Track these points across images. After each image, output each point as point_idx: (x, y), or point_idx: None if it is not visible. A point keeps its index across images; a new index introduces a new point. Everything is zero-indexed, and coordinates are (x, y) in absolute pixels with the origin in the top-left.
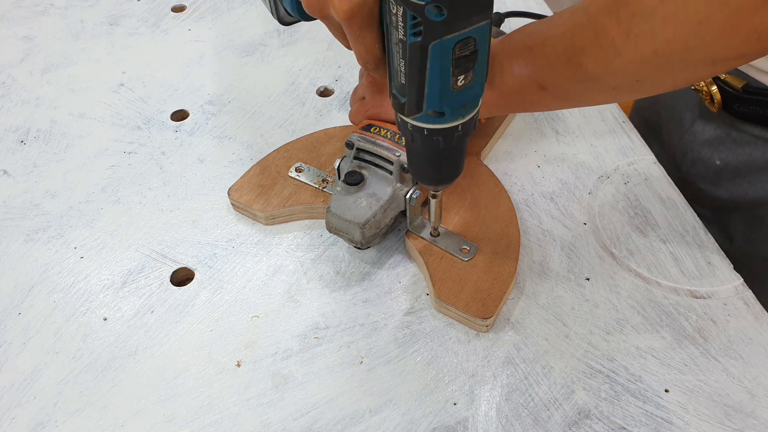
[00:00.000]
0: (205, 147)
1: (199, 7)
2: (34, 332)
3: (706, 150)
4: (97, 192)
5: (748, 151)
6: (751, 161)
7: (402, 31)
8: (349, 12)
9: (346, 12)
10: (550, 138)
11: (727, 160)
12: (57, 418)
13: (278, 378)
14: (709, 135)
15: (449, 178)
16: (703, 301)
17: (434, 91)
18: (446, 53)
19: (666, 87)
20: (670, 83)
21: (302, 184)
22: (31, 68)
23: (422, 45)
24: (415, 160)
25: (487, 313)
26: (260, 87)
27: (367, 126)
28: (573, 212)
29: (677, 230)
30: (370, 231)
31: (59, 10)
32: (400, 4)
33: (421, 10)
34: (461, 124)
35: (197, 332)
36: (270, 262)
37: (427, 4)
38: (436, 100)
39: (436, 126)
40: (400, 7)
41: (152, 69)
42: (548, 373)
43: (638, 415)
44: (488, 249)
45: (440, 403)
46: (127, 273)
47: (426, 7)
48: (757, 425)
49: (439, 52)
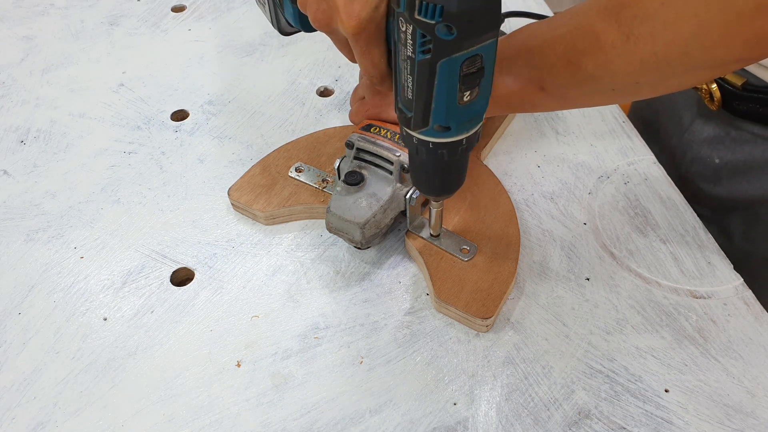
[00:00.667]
0: (205, 147)
1: (199, 7)
2: (34, 332)
3: (705, 149)
4: (97, 192)
5: (748, 150)
6: (751, 160)
7: (411, 49)
8: (357, 27)
9: (354, 27)
10: (550, 138)
11: (727, 158)
12: (57, 418)
13: (278, 378)
14: (708, 134)
15: (451, 190)
16: (703, 301)
17: (441, 106)
18: (454, 71)
19: (665, 89)
20: (669, 86)
21: (302, 184)
22: (31, 68)
23: (431, 62)
24: (418, 172)
25: (487, 313)
26: (260, 87)
27: (367, 126)
28: (573, 212)
29: (677, 230)
30: (370, 231)
31: (59, 10)
32: (410, 23)
33: (431, 29)
34: (466, 138)
35: (197, 332)
36: (270, 262)
37: (437, 23)
38: (443, 116)
39: (442, 140)
40: (410, 25)
41: (152, 69)
42: (548, 373)
43: (638, 415)
44: (488, 249)
45: (440, 403)
46: (127, 273)
47: (436, 27)
48: (757, 425)
49: (447, 70)
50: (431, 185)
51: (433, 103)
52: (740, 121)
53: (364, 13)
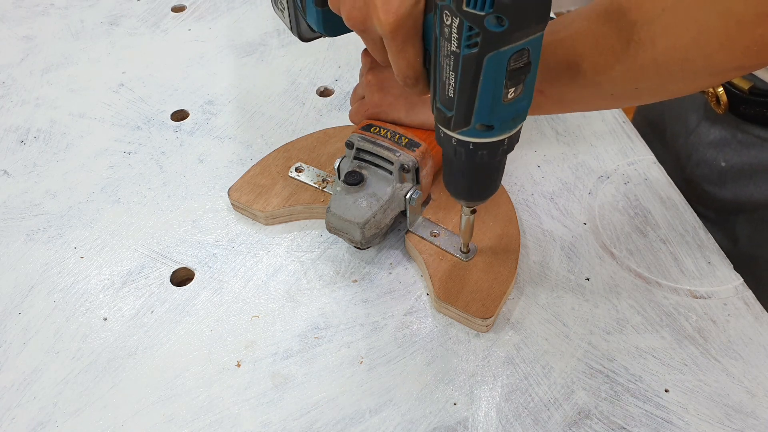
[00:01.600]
0: (205, 147)
1: (199, 7)
2: (34, 332)
3: (711, 151)
4: (97, 192)
5: (754, 153)
6: (757, 163)
7: (456, 43)
8: (394, 24)
9: (391, 24)
10: (550, 138)
11: (733, 161)
12: (57, 418)
13: (278, 378)
14: (714, 136)
15: (487, 195)
16: (703, 301)
17: (485, 104)
18: (501, 65)
19: (665, 95)
20: (669, 92)
21: (302, 184)
22: (31, 68)
23: (477, 57)
24: (454, 175)
25: (487, 313)
26: (260, 87)
27: (367, 126)
28: (573, 212)
29: (677, 230)
30: (370, 231)
31: (59, 10)
32: (456, 15)
33: (481, 20)
34: (507, 138)
35: (197, 332)
36: (270, 262)
37: (487, 14)
38: (486, 114)
39: (483, 140)
40: (456, 18)
41: (152, 69)
42: (548, 373)
43: (638, 415)
44: (488, 249)
45: (440, 403)
46: (127, 273)
47: (486, 18)
48: (757, 425)
49: (494, 64)
50: (467, 189)
51: (476, 101)
52: (746, 124)
53: (403, 8)
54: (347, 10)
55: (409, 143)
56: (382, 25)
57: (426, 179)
